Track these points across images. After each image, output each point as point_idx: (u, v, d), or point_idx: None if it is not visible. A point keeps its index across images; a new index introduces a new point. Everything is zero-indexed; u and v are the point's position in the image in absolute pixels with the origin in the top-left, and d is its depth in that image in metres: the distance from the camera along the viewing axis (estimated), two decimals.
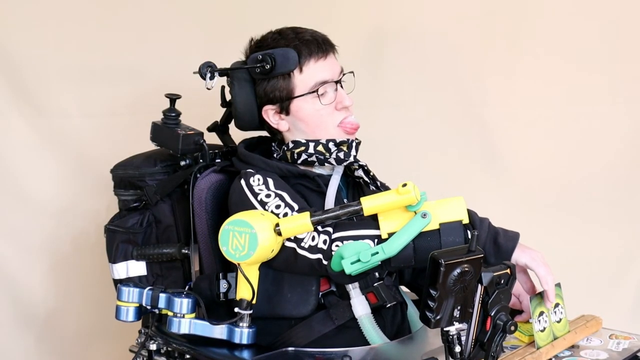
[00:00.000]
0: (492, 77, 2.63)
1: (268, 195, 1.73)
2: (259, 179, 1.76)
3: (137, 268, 1.95)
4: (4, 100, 2.52)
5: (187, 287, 1.90)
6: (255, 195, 1.74)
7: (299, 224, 1.63)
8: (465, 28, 2.61)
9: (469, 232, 1.58)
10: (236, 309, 1.70)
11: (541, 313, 1.66)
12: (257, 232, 1.62)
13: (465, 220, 1.59)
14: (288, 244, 1.67)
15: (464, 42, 2.62)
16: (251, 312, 1.71)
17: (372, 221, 1.62)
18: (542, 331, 1.66)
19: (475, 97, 2.64)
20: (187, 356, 1.81)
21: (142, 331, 1.87)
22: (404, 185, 1.57)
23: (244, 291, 1.69)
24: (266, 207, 1.72)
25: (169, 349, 1.86)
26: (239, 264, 1.67)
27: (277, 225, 1.63)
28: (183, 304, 1.73)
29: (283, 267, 1.72)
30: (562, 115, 2.66)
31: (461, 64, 2.63)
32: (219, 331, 1.73)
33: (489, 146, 2.66)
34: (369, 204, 1.60)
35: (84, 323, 2.57)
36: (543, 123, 2.66)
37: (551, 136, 2.67)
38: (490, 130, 2.66)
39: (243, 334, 1.71)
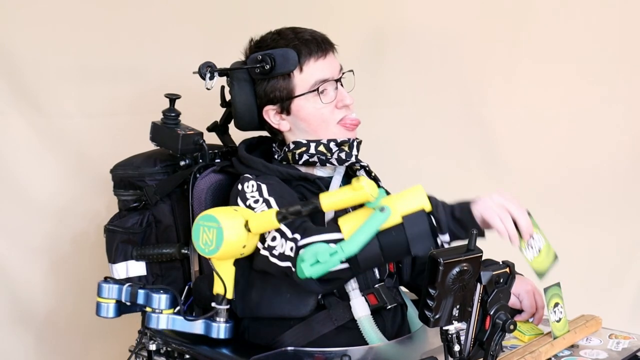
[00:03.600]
0: (493, 77, 2.63)
1: (256, 201, 1.73)
2: (252, 185, 1.76)
3: (136, 268, 1.95)
4: (4, 100, 2.52)
5: (187, 287, 1.90)
6: (245, 200, 1.75)
7: (265, 220, 1.64)
8: (466, 28, 2.61)
9: (432, 217, 1.57)
10: (213, 304, 1.73)
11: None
12: (224, 228, 1.63)
13: (428, 208, 1.57)
14: (263, 252, 1.68)
15: (464, 43, 2.62)
16: (228, 307, 1.74)
17: (336, 225, 1.62)
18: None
19: (476, 97, 2.65)
20: (187, 356, 1.82)
21: (142, 331, 1.88)
22: (358, 180, 1.57)
23: (220, 286, 1.72)
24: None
25: (169, 349, 1.86)
26: (209, 259, 1.70)
27: (247, 222, 1.65)
28: (161, 299, 1.77)
29: (259, 268, 1.73)
30: (562, 115, 2.66)
31: (461, 64, 2.63)
32: (196, 326, 1.77)
33: (488, 146, 2.67)
34: (326, 199, 1.60)
35: (83, 323, 2.57)
36: (543, 123, 2.66)
37: (551, 137, 2.67)
38: (490, 130, 2.66)
39: (220, 328, 1.75)
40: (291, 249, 1.63)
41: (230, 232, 1.65)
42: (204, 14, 2.57)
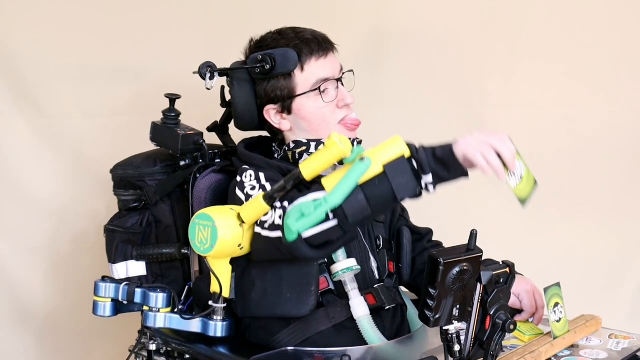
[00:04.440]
0: (493, 77, 2.63)
1: (253, 188, 1.74)
2: (251, 175, 1.77)
3: (136, 268, 1.95)
4: (4, 100, 2.52)
5: (187, 287, 1.90)
6: (243, 188, 1.75)
7: (254, 207, 1.65)
8: (466, 28, 2.61)
9: (414, 162, 1.56)
10: (210, 302, 1.74)
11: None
12: (218, 226, 1.64)
13: (407, 154, 1.56)
14: (256, 229, 1.68)
15: (465, 42, 2.62)
16: (225, 305, 1.74)
17: (320, 185, 1.60)
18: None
19: (476, 97, 2.65)
20: (187, 356, 1.82)
21: (142, 331, 1.88)
22: (330, 138, 1.57)
23: (216, 285, 1.73)
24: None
25: (169, 348, 1.86)
26: (205, 258, 1.71)
27: (239, 215, 1.66)
28: (158, 298, 1.79)
29: (257, 255, 1.72)
30: (562, 115, 2.66)
31: (461, 64, 2.63)
32: (193, 325, 1.78)
33: None
34: (304, 165, 1.61)
35: (83, 323, 2.57)
36: (543, 123, 2.66)
37: (551, 136, 2.67)
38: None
39: (217, 327, 1.76)
40: (280, 217, 1.62)
41: (225, 231, 1.66)
42: (204, 14, 2.57)
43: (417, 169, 1.56)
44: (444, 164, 1.58)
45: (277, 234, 1.62)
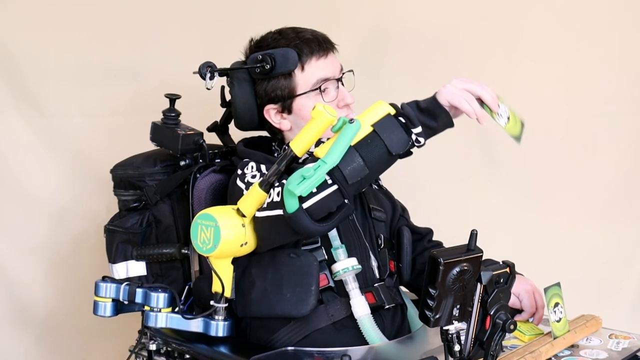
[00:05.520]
0: (492, 78, 2.60)
1: (254, 176, 1.74)
2: (252, 166, 1.77)
3: (136, 268, 1.95)
4: (4, 100, 2.52)
5: (187, 287, 1.90)
6: (243, 179, 1.75)
7: (252, 196, 1.66)
8: (466, 28, 2.61)
9: (401, 118, 1.59)
10: (211, 302, 1.74)
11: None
12: (221, 226, 1.64)
13: (393, 112, 1.60)
14: (257, 214, 1.67)
15: (464, 42, 2.62)
16: (226, 305, 1.75)
17: (315, 157, 1.60)
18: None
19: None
20: (187, 356, 1.82)
21: (142, 331, 1.88)
22: (314, 108, 1.58)
23: (218, 285, 1.73)
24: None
25: (169, 348, 1.86)
26: (207, 258, 1.71)
27: (238, 209, 1.66)
28: (159, 298, 1.79)
29: (262, 243, 1.72)
30: (562, 115, 2.66)
31: (461, 64, 2.63)
32: (195, 324, 1.78)
33: (488, 146, 2.67)
34: (295, 142, 1.61)
35: (83, 323, 2.57)
36: (543, 123, 2.66)
37: (551, 137, 2.67)
38: (490, 130, 2.65)
39: (219, 326, 1.76)
40: (278, 194, 1.62)
41: (227, 231, 1.66)
42: (203, 14, 2.57)
43: (405, 122, 1.59)
44: (430, 114, 1.62)
45: (278, 211, 1.61)
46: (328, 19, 2.31)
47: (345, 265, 1.76)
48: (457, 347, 1.41)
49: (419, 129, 1.60)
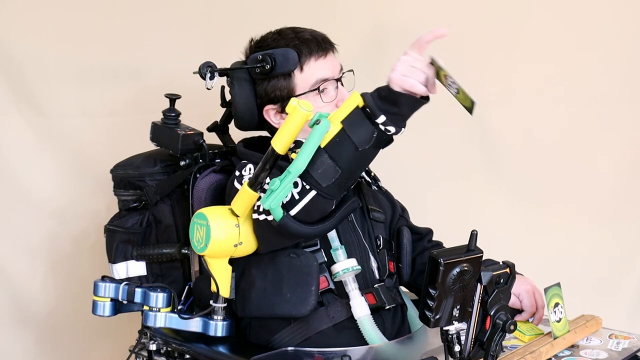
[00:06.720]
0: (493, 77, 2.62)
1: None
2: (250, 168, 1.76)
3: (137, 268, 1.95)
4: (4, 100, 2.52)
5: (187, 287, 1.90)
6: (241, 180, 1.74)
7: (243, 195, 1.65)
8: (466, 28, 2.61)
9: (369, 110, 1.55)
10: (210, 302, 1.75)
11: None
12: (211, 226, 1.65)
13: (361, 103, 1.56)
14: (254, 215, 1.67)
15: (465, 42, 2.61)
16: (225, 305, 1.75)
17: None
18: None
19: (475, 97, 2.64)
20: (187, 356, 1.82)
21: (142, 331, 1.88)
22: (290, 104, 1.56)
23: (214, 285, 1.73)
24: None
25: (169, 348, 1.86)
26: (202, 257, 1.72)
27: (231, 210, 1.66)
28: (158, 298, 1.79)
29: (262, 245, 1.72)
30: (562, 115, 2.66)
31: (461, 64, 2.61)
32: (194, 324, 1.78)
33: (488, 146, 2.67)
34: (275, 140, 1.59)
35: (83, 323, 2.57)
36: (543, 123, 2.66)
37: (551, 136, 2.67)
38: (490, 130, 2.66)
39: (217, 326, 1.76)
40: None
41: (218, 231, 1.66)
42: (204, 14, 2.57)
43: (369, 113, 1.56)
44: (390, 101, 1.56)
45: (270, 216, 1.62)
46: (328, 19, 2.31)
47: (345, 266, 1.76)
48: (457, 348, 1.41)
49: (382, 118, 1.56)
